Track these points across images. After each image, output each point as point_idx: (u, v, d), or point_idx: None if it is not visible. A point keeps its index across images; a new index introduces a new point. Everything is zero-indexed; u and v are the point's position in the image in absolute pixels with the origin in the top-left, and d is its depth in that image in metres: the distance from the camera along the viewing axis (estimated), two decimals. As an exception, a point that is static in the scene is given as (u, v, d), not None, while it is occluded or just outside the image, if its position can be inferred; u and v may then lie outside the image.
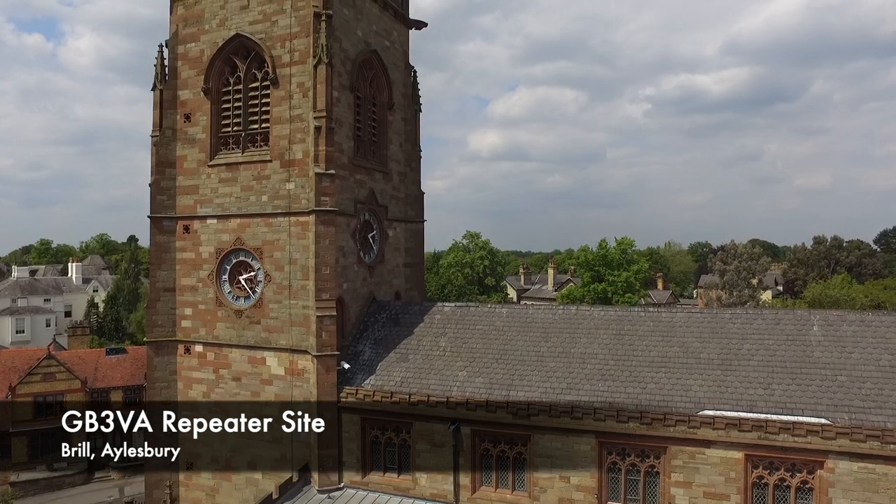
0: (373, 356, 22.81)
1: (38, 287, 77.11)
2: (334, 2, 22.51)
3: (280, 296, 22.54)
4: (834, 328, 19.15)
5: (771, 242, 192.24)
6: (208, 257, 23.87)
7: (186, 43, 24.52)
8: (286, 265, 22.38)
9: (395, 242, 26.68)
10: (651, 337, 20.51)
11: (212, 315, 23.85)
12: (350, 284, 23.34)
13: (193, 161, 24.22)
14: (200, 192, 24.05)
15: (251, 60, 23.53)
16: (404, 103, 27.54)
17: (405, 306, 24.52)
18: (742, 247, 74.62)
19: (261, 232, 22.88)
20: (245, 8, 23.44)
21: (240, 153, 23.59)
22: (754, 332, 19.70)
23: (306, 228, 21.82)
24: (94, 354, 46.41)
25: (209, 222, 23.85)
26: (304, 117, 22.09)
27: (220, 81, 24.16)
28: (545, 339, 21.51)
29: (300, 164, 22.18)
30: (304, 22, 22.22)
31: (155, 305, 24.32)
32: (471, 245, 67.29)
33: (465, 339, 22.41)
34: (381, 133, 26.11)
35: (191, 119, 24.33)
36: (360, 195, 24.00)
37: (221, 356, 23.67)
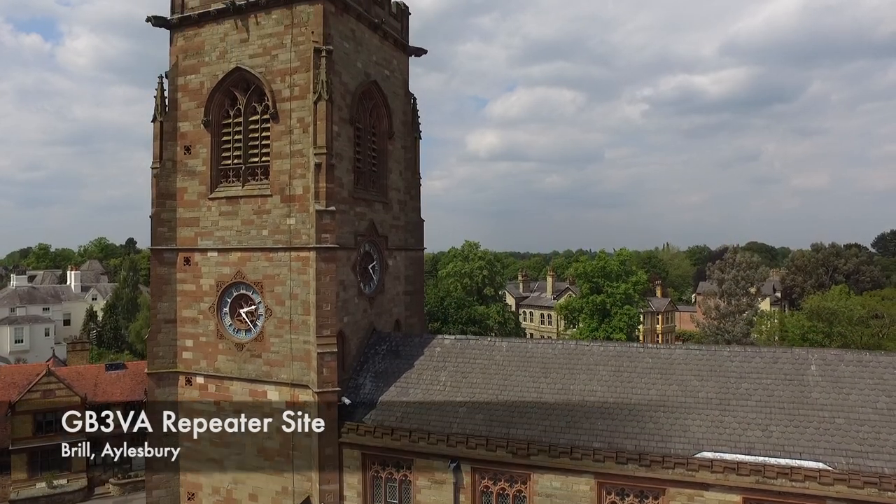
0: (373, 390, 22.91)
1: (37, 296, 77.08)
2: (334, 36, 22.59)
3: (281, 330, 22.62)
4: (832, 368, 19.29)
5: (769, 245, 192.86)
6: (209, 290, 23.95)
7: (186, 75, 24.55)
8: (287, 300, 22.46)
9: (395, 271, 26.78)
10: (650, 374, 20.64)
11: (213, 347, 23.93)
12: (351, 317, 23.43)
13: (194, 193, 24.28)
14: (201, 224, 24.11)
15: (251, 93, 23.59)
16: (404, 131, 27.60)
17: (405, 338, 24.63)
18: (740, 255, 74.80)
19: (261, 266, 22.95)
20: (245, 41, 23.48)
21: (240, 186, 23.65)
22: (752, 371, 19.84)
23: (307, 264, 21.90)
24: (93, 370, 46.38)
25: (210, 255, 23.91)
26: (305, 153, 22.16)
27: (220, 114, 24.22)
28: (545, 374, 21.63)
29: (301, 199, 22.25)
30: (304, 57, 22.27)
31: (156, 337, 24.39)
32: (469, 255, 67.41)
33: (466, 373, 22.53)
34: (381, 162, 26.19)
35: (191, 151, 24.38)
36: (360, 228, 24.08)
37: (223, 388, 23.75)
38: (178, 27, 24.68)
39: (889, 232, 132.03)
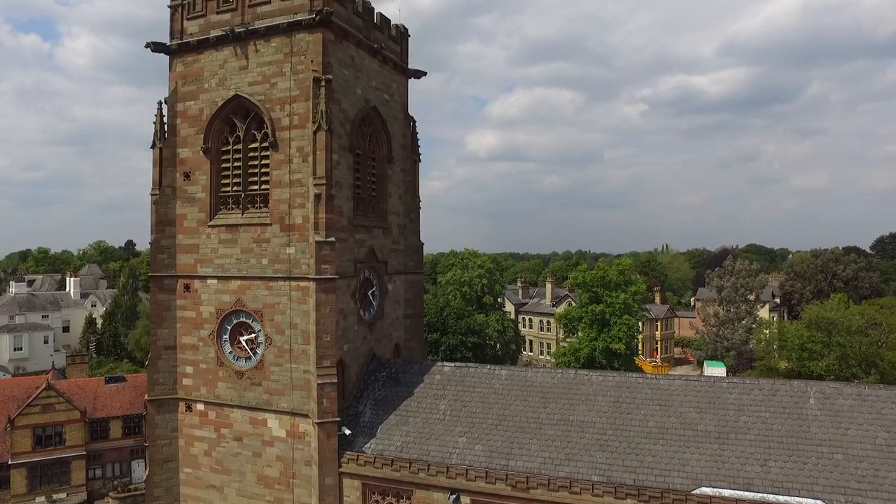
0: (373, 418, 22.94)
1: (36, 303, 77.00)
2: (333, 64, 22.56)
3: (281, 359, 22.64)
4: (830, 402, 19.33)
5: (769, 247, 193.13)
6: (209, 317, 23.95)
7: (186, 101, 24.53)
8: (287, 329, 22.48)
9: (394, 295, 26.79)
10: (648, 406, 20.68)
11: (213, 374, 23.95)
12: (350, 345, 23.45)
13: (193, 220, 24.27)
14: (200, 251, 24.12)
15: (251, 121, 23.58)
16: (403, 154, 27.60)
17: (405, 364, 24.64)
18: (739, 263, 74.92)
19: (261, 295, 22.95)
20: (244, 69, 23.46)
21: (239, 214, 23.64)
22: (751, 404, 19.88)
23: (307, 294, 21.91)
24: (93, 383, 46.39)
25: (210, 282, 23.92)
26: (304, 182, 22.16)
27: (220, 141, 24.21)
28: (544, 404, 21.67)
29: (300, 228, 22.25)
30: (304, 86, 22.26)
31: (156, 364, 24.39)
32: (469, 263, 67.33)
33: (465, 401, 22.55)
34: (381, 187, 26.19)
35: (190, 178, 24.38)
36: (359, 255, 24.08)
37: (223, 415, 23.78)
38: (178, 53, 24.67)
39: (888, 235, 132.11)
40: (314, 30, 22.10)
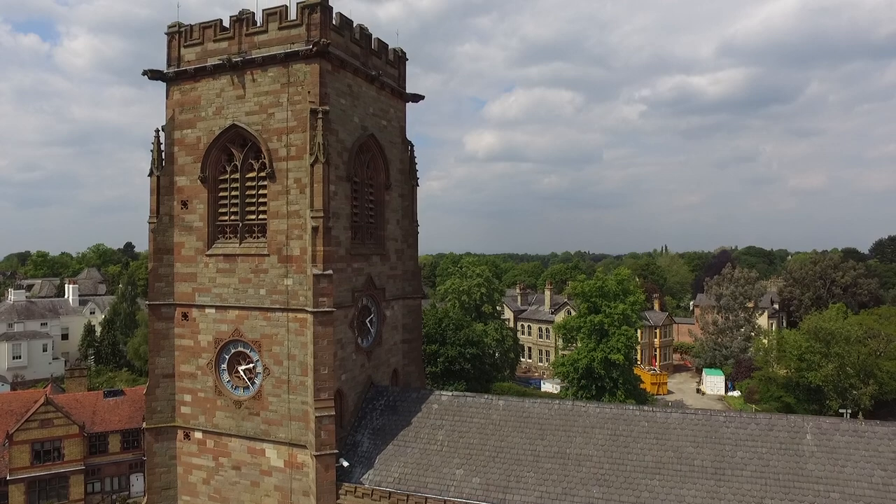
0: (371, 448, 22.98)
1: (35, 311, 77.01)
2: (331, 94, 22.54)
3: (279, 389, 22.67)
4: (827, 437, 19.37)
5: (767, 249, 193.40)
6: (207, 346, 23.97)
7: (183, 129, 24.51)
8: (285, 360, 22.49)
9: (392, 321, 26.80)
10: (646, 439, 20.71)
11: (211, 403, 23.97)
12: (348, 374, 23.47)
13: (191, 249, 24.27)
14: (198, 280, 24.11)
15: (248, 150, 23.56)
16: (401, 179, 27.59)
17: (403, 393, 24.67)
18: (738, 271, 75.04)
19: (259, 325, 22.97)
20: (241, 98, 23.44)
21: (237, 244, 23.64)
22: (747, 438, 19.91)
23: (304, 326, 21.92)
24: (92, 397, 46.42)
25: (207, 311, 23.92)
26: (302, 213, 22.16)
27: (217, 169, 24.20)
28: (541, 436, 21.70)
29: (298, 260, 22.26)
30: (301, 117, 22.24)
31: (154, 392, 24.41)
32: (468, 272, 67.39)
33: (463, 432, 22.59)
34: (379, 214, 26.18)
35: (188, 206, 24.37)
36: (357, 283, 24.09)
37: (221, 444, 23.81)
38: (175, 80, 24.64)
39: (887, 238, 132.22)
40: (311, 60, 22.08)
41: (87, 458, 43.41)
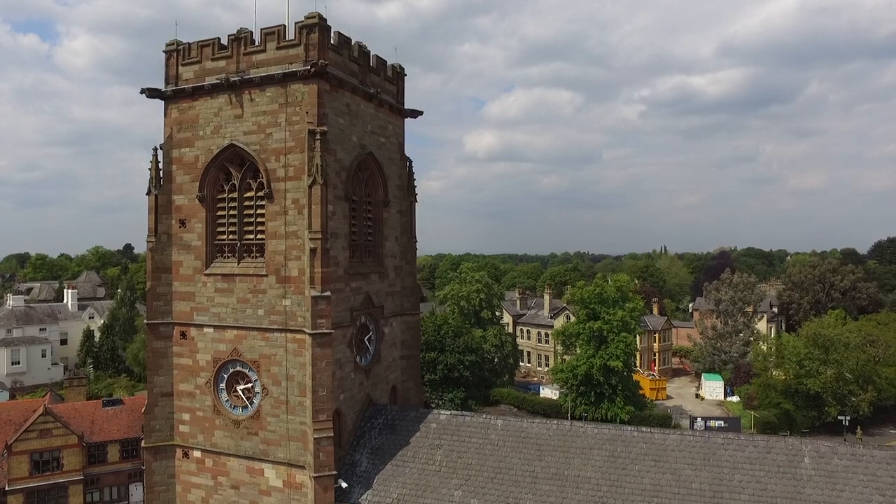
0: (369, 467, 22.99)
1: (34, 316, 76.97)
2: (329, 114, 22.51)
3: (278, 410, 22.67)
4: (825, 461, 19.39)
5: (766, 250, 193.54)
6: (205, 365, 23.96)
7: (181, 147, 24.49)
8: (283, 380, 22.50)
9: (391, 338, 26.79)
10: (643, 461, 20.73)
11: (210, 422, 23.97)
12: (347, 394, 23.46)
13: (189, 268, 24.26)
14: (197, 299, 24.10)
15: (246, 170, 23.54)
16: (399, 195, 27.56)
17: (401, 412, 24.67)
18: (737, 276, 75.07)
19: (258, 345, 22.96)
20: (239, 117, 23.41)
21: (235, 263, 23.62)
22: (745, 461, 19.93)
23: (303, 346, 21.92)
24: (90, 407, 46.38)
25: (206, 331, 23.91)
26: (300, 234, 22.14)
27: (215, 189, 24.18)
28: (539, 457, 21.71)
29: (296, 281, 22.25)
30: (299, 137, 22.22)
31: (153, 411, 24.41)
32: (467, 278, 67.40)
33: (461, 452, 22.59)
34: (377, 231, 26.16)
35: (186, 225, 24.35)
36: (356, 302, 24.07)
37: (220, 463, 23.81)
38: (173, 99, 24.61)
39: (886, 240, 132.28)
40: (309, 81, 22.04)
41: (85, 467, 43.38)
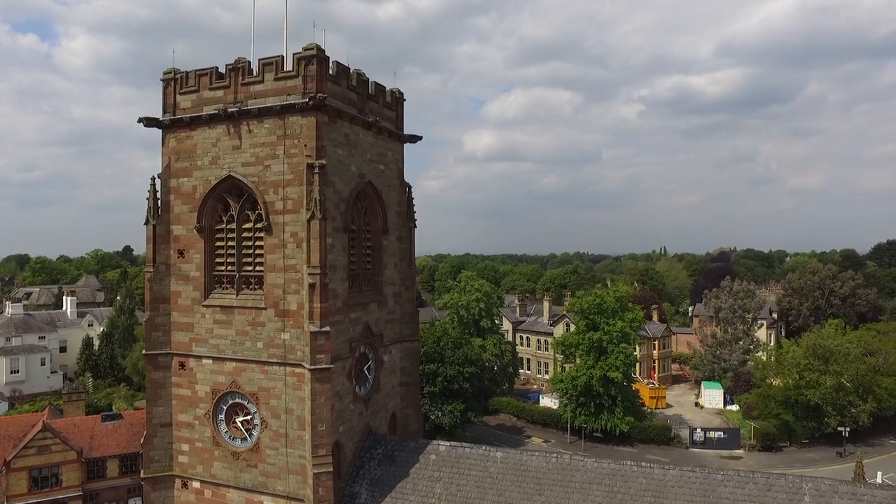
0: (369, 499, 22.93)
1: (33, 324, 76.89)
2: (327, 147, 22.39)
3: (277, 443, 22.62)
4: (826, 499, 19.35)
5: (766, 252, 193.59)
6: (204, 396, 23.90)
7: (179, 177, 24.39)
8: (282, 413, 22.44)
9: (390, 365, 26.73)
10: (643, 497, 20.69)
11: (209, 453, 23.92)
12: (346, 425, 23.39)
13: (188, 298, 24.18)
14: (195, 330, 24.03)
15: (244, 201, 23.45)
16: (399, 222, 27.46)
17: (400, 442, 24.62)
18: (737, 284, 75.03)
19: (257, 378, 22.90)
20: (237, 148, 23.31)
21: (234, 295, 23.54)
22: (745, 498, 19.89)
23: (302, 380, 21.86)
24: (89, 422, 46.32)
25: (205, 362, 23.85)
26: (299, 268, 22.05)
27: (213, 219, 24.09)
28: (539, 491, 21.66)
29: (295, 315, 22.17)
30: (297, 170, 22.11)
31: (152, 441, 24.36)
32: (466, 286, 67.35)
33: (460, 485, 22.55)
34: (376, 259, 26.07)
35: (184, 255, 24.26)
36: (355, 333, 23.99)
37: (219, 495, 23.77)
38: (170, 128, 24.52)
39: (885, 242, 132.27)
40: (308, 114, 21.93)
41: (85, 483, 43.35)
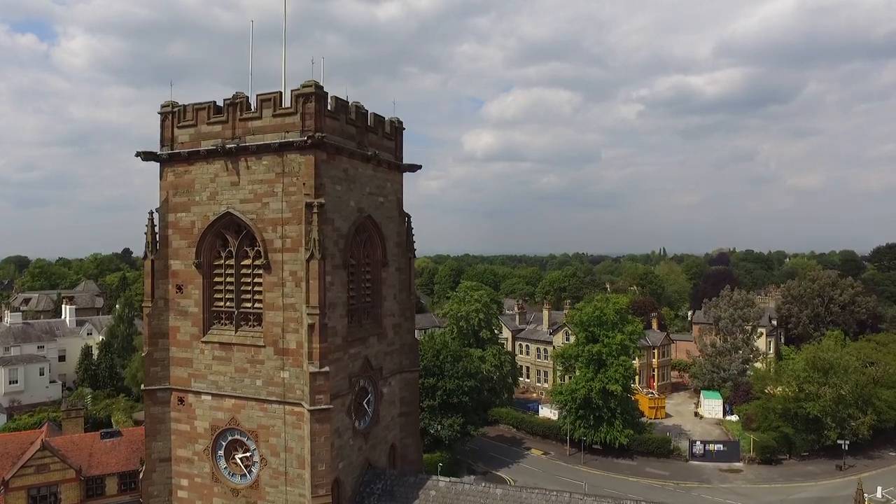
0: (368, 537, 22.89)
1: (32, 334, 76.80)
2: (326, 184, 22.25)
3: (276, 481, 22.55)
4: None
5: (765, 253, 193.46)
6: (203, 432, 23.83)
7: (177, 212, 24.27)
8: (282, 452, 22.37)
9: (389, 397, 26.65)
10: (645, 538, 20.65)
11: (208, 489, 23.86)
12: (346, 461, 23.32)
13: (186, 334, 24.08)
14: (194, 366, 23.94)
15: (243, 237, 23.34)
16: (398, 252, 27.35)
17: (400, 477, 24.56)
18: (736, 294, 75.00)
19: (256, 415, 22.82)
20: (236, 185, 23.18)
21: (233, 332, 23.44)
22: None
23: (301, 419, 21.79)
24: (88, 439, 46.30)
25: (204, 398, 23.77)
26: (298, 307, 21.95)
27: (212, 255, 23.98)
28: (540, 531, 21.61)
29: (294, 353, 22.08)
30: (296, 209, 21.99)
31: (151, 476, 24.29)
32: (466, 297, 67.28)
33: (461, 523, 22.50)
34: (375, 292, 25.97)
35: (183, 291, 24.16)
36: (354, 368, 23.90)
37: (218, 532, 23.70)
38: (168, 162, 24.39)
39: (885, 246, 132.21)
40: (306, 152, 21.78)
41: (83, 501, 43.36)
